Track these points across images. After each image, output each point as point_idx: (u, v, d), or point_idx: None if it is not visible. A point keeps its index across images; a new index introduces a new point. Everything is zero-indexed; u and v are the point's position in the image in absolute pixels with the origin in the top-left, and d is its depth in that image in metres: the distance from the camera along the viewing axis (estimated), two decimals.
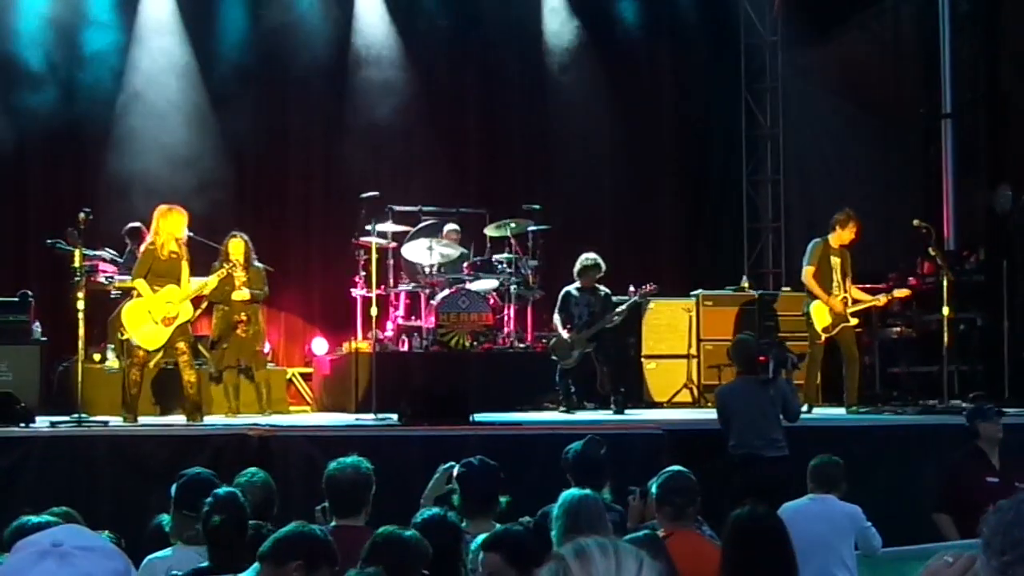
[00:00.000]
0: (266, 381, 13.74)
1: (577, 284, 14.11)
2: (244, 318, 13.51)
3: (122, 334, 12.85)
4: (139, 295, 12.23)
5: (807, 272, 13.67)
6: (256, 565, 5.39)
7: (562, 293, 14.20)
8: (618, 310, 14.02)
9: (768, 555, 5.44)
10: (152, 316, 12.11)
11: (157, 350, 12.40)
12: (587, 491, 6.81)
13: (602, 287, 14.16)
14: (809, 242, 13.89)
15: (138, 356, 12.32)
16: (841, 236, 13.67)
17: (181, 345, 12.30)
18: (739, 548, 5.50)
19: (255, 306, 13.67)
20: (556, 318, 14.12)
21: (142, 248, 12.51)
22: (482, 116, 17.94)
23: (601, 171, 18.31)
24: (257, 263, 13.70)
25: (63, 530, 2.45)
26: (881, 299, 13.94)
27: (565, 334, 13.92)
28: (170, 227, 12.23)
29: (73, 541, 2.38)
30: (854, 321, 13.67)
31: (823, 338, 13.57)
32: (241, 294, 13.45)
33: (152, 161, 16.09)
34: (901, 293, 14.15)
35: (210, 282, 12.80)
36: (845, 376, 13.69)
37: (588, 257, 14.16)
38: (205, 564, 6.05)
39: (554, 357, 14.04)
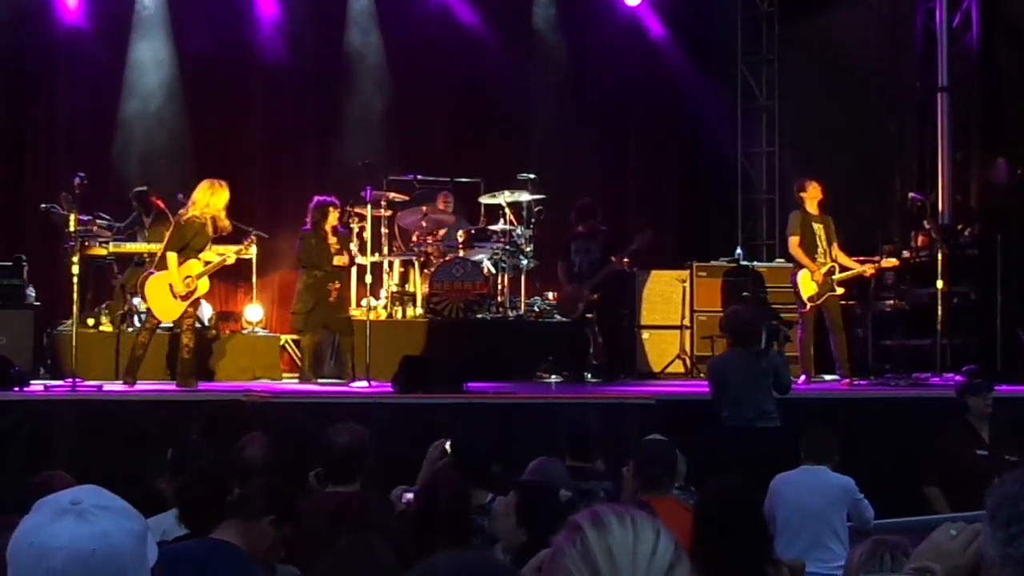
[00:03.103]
0: (350, 347, 13.66)
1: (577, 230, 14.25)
2: (336, 285, 13.52)
3: (142, 304, 12.89)
4: (163, 267, 12.21)
5: (792, 242, 13.79)
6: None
7: (564, 242, 14.37)
8: (618, 255, 14.15)
9: (736, 524, 5.46)
10: (174, 290, 12.16)
11: (155, 320, 12.48)
12: (550, 456, 6.93)
13: (601, 230, 14.24)
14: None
15: (151, 323, 12.40)
16: (812, 198, 13.78)
17: (189, 309, 12.44)
18: (708, 517, 5.54)
19: (342, 273, 13.70)
20: (560, 268, 14.38)
21: (181, 220, 12.36)
22: (476, 86, 17.87)
23: (596, 141, 18.30)
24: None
25: (83, 489, 2.48)
26: (868, 268, 13.98)
27: (568, 288, 14.11)
28: (218, 203, 12.26)
29: (92, 500, 2.41)
30: (840, 290, 13.71)
31: (808, 307, 13.62)
32: (341, 259, 13.47)
33: (148, 128, 16.09)
34: (888, 263, 14.16)
35: (229, 257, 12.82)
36: (833, 347, 13.72)
37: (583, 202, 14.33)
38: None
39: (558, 315, 14.22)
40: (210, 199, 12.23)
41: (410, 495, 6.78)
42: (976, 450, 9.91)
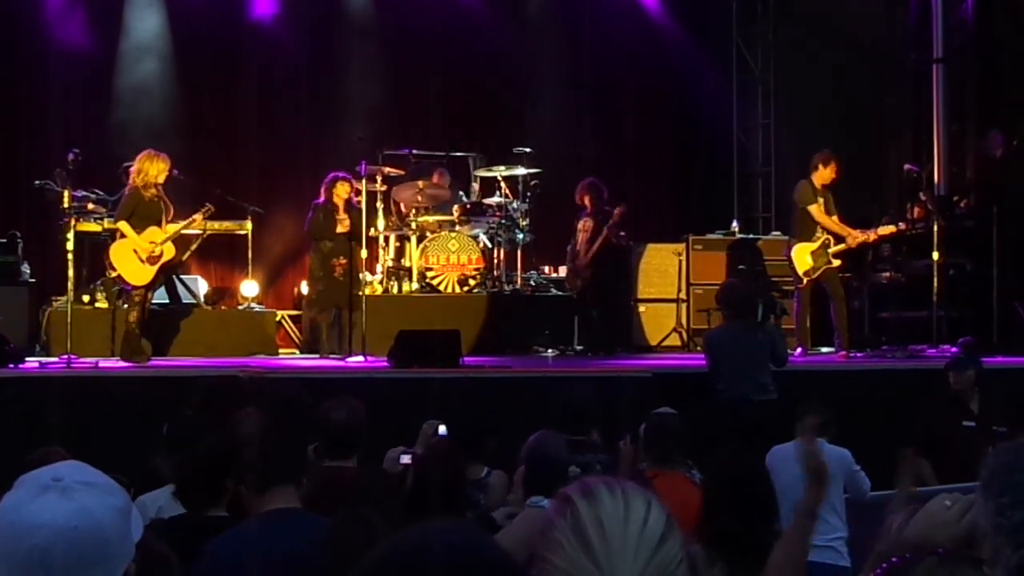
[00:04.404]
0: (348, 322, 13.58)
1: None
2: (342, 260, 13.48)
3: (109, 273, 12.92)
4: (123, 236, 12.28)
5: (816, 211, 13.56)
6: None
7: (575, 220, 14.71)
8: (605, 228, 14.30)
9: (747, 497, 5.46)
10: (140, 254, 12.19)
11: (147, 287, 12.44)
12: (548, 430, 6.96)
13: (602, 209, 14.35)
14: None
15: (137, 296, 12.41)
16: (823, 175, 13.66)
17: (149, 293, 12.61)
18: (718, 490, 5.54)
19: (351, 247, 13.62)
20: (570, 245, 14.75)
21: (126, 190, 12.52)
22: (472, 59, 17.83)
23: (591, 115, 18.27)
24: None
25: (65, 465, 2.47)
26: (870, 235, 13.87)
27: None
28: (156, 171, 12.28)
29: (74, 476, 2.40)
30: (836, 262, 13.65)
31: (805, 281, 13.58)
32: (342, 224, 13.40)
33: (142, 103, 16.05)
34: (885, 230, 14.04)
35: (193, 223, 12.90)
36: (834, 317, 13.69)
37: (585, 181, 14.60)
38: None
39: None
40: (148, 167, 12.30)
41: (407, 457, 6.79)
42: (963, 421, 9.95)
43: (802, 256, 13.57)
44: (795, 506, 4.73)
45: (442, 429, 7.39)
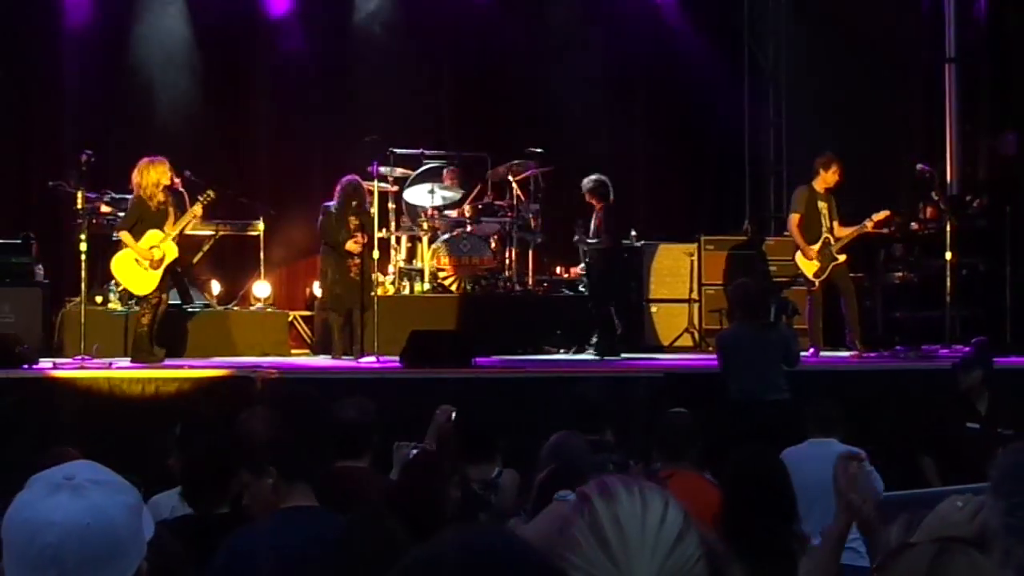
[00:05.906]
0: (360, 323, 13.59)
1: None
2: (356, 261, 13.43)
3: (116, 285, 12.97)
4: (124, 246, 12.27)
5: (793, 220, 13.70)
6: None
7: None
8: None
9: (768, 497, 5.46)
10: (140, 264, 12.16)
11: (157, 290, 12.43)
12: (571, 431, 6.94)
13: (598, 208, 14.20)
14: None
15: (154, 300, 12.36)
16: (825, 179, 13.67)
17: (161, 295, 12.50)
18: (739, 489, 5.53)
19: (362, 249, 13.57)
20: None
21: (130, 201, 12.50)
22: (484, 59, 17.83)
23: (603, 115, 18.24)
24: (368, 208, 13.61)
25: (76, 464, 2.48)
26: (867, 225, 13.81)
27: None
28: (156, 178, 12.25)
29: (86, 475, 2.41)
30: (842, 258, 13.64)
31: (816, 284, 13.58)
32: (353, 246, 13.33)
33: (155, 104, 16.08)
34: (880, 216, 13.92)
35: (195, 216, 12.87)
36: (845, 313, 13.68)
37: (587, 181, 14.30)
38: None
39: None
40: (146, 177, 12.23)
41: (415, 451, 6.81)
42: (968, 422, 9.92)
43: (804, 260, 13.58)
44: (821, 530, 4.73)
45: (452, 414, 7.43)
